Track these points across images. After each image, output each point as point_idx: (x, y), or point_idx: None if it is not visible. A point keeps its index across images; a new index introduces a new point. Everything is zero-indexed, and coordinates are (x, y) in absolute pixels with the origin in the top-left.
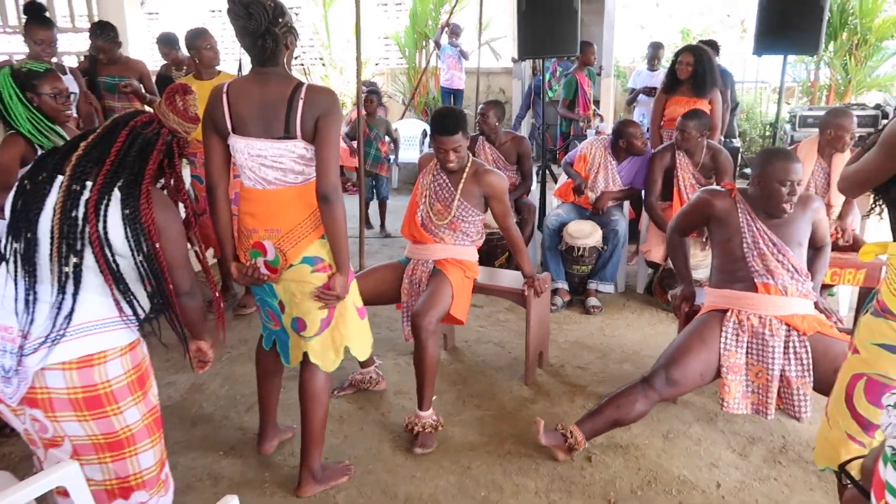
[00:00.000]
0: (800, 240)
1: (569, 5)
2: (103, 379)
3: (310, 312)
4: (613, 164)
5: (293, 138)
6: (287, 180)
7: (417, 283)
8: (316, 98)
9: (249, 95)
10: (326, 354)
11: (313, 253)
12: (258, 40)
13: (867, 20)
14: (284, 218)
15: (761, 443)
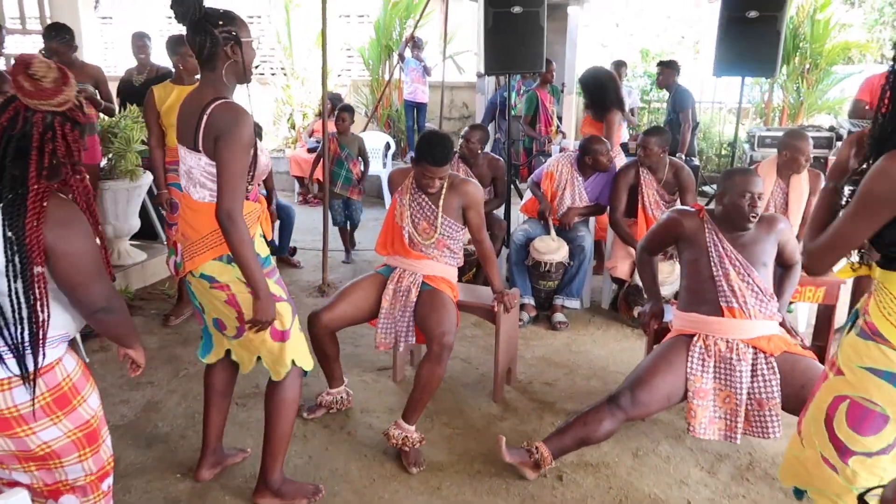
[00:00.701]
0: (765, 260)
1: (535, 22)
2: (9, 405)
3: (225, 316)
4: (580, 180)
5: (198, 151)
6: (195, 193)
7: (404, 292)
8: (218, 116)
9: (186, 101)
10: (243, 356)
11: (209, 272)
12: (192, 34)
13: (818, 45)
14: (189, 229)
15: (728, 460)
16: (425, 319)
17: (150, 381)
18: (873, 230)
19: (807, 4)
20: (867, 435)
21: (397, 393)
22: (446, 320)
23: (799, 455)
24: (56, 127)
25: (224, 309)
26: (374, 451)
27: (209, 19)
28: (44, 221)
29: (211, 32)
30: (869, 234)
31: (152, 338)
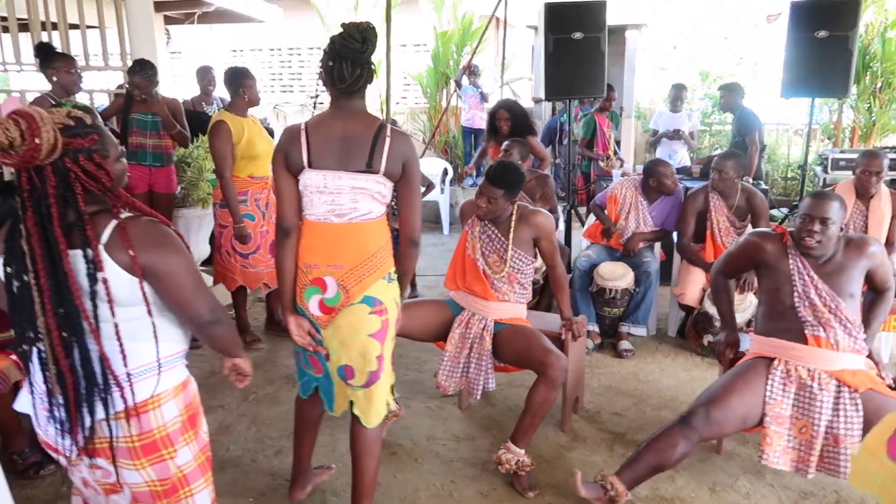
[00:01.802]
0: (852, 291)
1: (596, 47)
2: (160, 423)
3: (359, 361)
4: (644, 204)
5: (375, 173)
6: (360, 215)
7: (474, 339)
8: (402, 141)
9: (331, 129)
10: (369, 409)
11: (375, 293)
12: (358, 68)
13: (890, 64)
14: (351, 253)
15: (814, 498)
16: (526, 353)
17: (221, 404)
18: None
19: (877, 22)
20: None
21: (462, 420)
22: (550, 345)
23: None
24: (69, 168)
25: (367, 347)
26: (442, 480)
27: (370, 58)
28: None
29: (369, 67)
30: None
31: (221, 362)
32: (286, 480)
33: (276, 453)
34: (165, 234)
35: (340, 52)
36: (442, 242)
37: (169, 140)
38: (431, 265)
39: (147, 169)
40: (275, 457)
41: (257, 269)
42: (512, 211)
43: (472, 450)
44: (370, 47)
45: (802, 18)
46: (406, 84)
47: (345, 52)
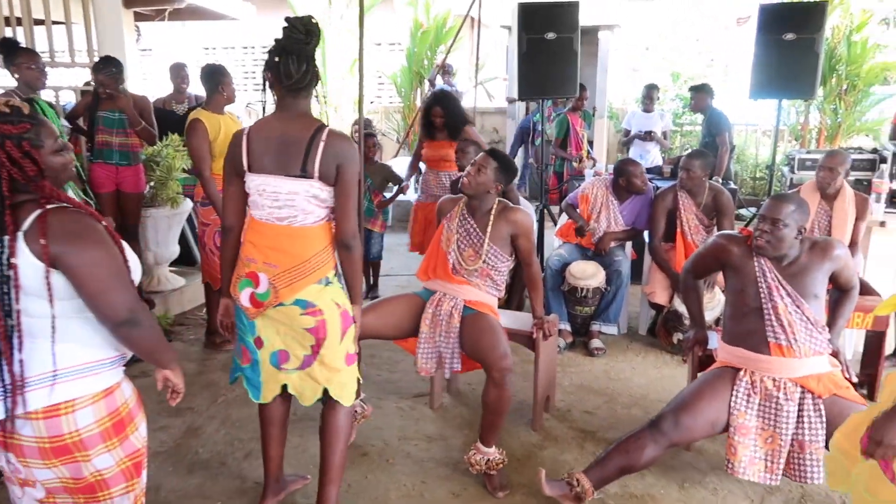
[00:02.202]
0: (816, 293)
1: (568, 48)
2: (72, 428)
3: (292, 346)
4: (615, 203)
5: (309, 178)
6: (297, 219)
7: (444, 317)
8: (337, 144)
9: (270, 133)
10: (304, 388)
11: (307, 297)
12: (304, 64)
13: (855, 66)
14: (286, 255)
15: (779, 493)
16: (476, 345)
17: (190, 406)
18: None
19: (842, 26)
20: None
21: (434, 420)
22: (500, 343)
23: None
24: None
25: (300, 338)
26: (413, 481)
27: (314, 55)
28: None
29: (313, 65)
30: None
31: (191, 364)
32: (256, 483)
33: (245, 456)
34: (87, 226)
35: (286, 47)
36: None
37: (136, 138)
38: (404, 265)
39: (114, 168)
40: (244, 459)
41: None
42: (493, 205)
43: (444, 450)
44: (314, 40)
45: (770, 21)
46: (381, 83)
47: (289, 45)
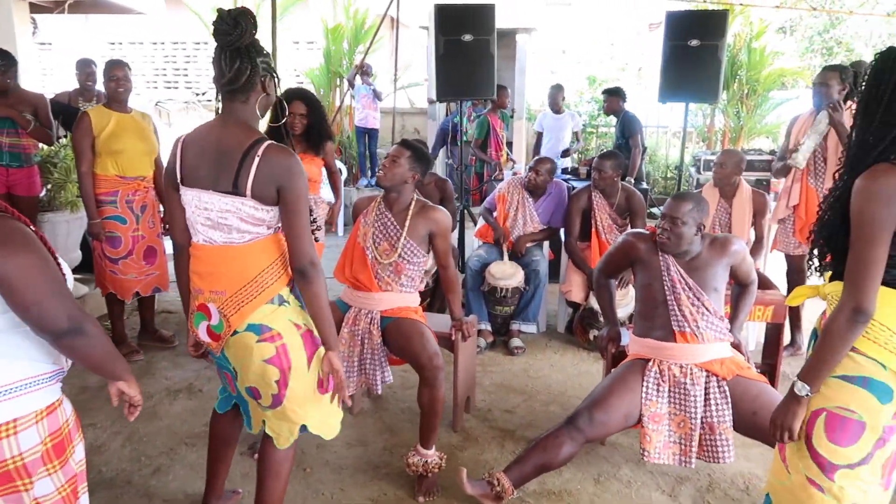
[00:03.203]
0: (716, 286)
1: (485, 49)
2: (14, 453)
3: (260, 384)
4: (530, 202)
5: (241, 195)
6: (232, 238)
7: (362, 335)
8: (275, 160)
9: (207, 142)
10: (281, 428)
11: (259, 320)
12: (237, 60)
13: (755, 72)
14: (229, 280)
15: (689, 482)
16: (405, 350)
17: (93, 422)
18: (888, 246)
19: (744, 33)
20: (847, 445)
21: (354, 426)
22: (428, 343)
23: (785, 483)
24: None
25: (264, 371)
26: (331, 488)
27: (255, 46)
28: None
29: (253, 60)
30: (887, 249)
31: (94, 377)
32: (164, 502)
33: (153, 472)
34: (11, 231)
35: (216, 41)
36: (337, 244)
37: (28, 139)
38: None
39: (4, 169)
40: (152, 476)
41: (128, 276)
42: (411, 201)
43: (364, 455)
44: (245, 33)
45: (676, 28)
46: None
47: (218, 38)
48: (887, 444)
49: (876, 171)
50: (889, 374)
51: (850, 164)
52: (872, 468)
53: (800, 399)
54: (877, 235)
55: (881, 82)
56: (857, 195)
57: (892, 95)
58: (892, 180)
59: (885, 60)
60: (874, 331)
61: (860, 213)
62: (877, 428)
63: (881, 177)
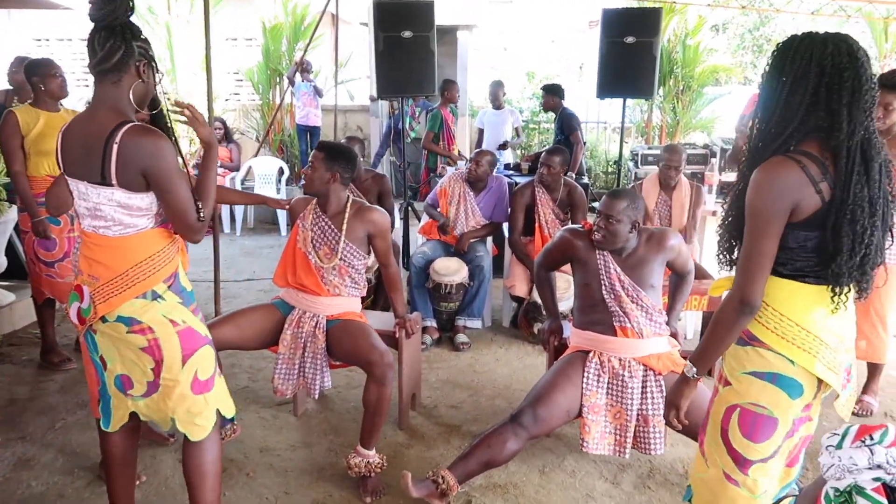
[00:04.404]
0: (652, 282)
1: (425, 46)
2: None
3: (134, 371)
4: (471, 195)
5: (109, 185)
6: (109, 230)
7: (307, 337)
8: (132, 144)
9: (78, 130)
10: (154, 418)
11: (129, 313)
12: (109, 39)
13: (689, 69)
14: (104, 268)
15: (630, 469)
16: (354, 351)
17: (22, 435)
18: (778, 239)
19: (679, 30)
20: (760, 441)
21: (298, 428)
22: (377, 341)
23: (703, 476)
24: None
25: (137, 359)
26: (275, 492)
27: (131, 27)
28: None
29: (128, 41)
30: (777, 242)
31: (23, 387)
32: None
33: (87, 484)
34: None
35: (90, 19)
36: (280, 244)
37: None
38: (268, 268)
39: None
40: (86, 488)
41: (66, 279)
42: (346, 202)
43: (308, 457)
44: (118, 9)
45: (613, 25)
46: (238, 80)
47: (91, 15)
48: (795, 434)
49: (769, 164)
50: (798, 370)
51: (750, 158)
52: (780, 457)
53: (688, 380)
54: (764, 228)
55: (780, 74)
56: (750, 188)
57: (791, 88)
58: (784, 173)
59: (784, 49)
60: (782, 326)
61: (751, 205)
62: (787, 423)
63: (773, 169)
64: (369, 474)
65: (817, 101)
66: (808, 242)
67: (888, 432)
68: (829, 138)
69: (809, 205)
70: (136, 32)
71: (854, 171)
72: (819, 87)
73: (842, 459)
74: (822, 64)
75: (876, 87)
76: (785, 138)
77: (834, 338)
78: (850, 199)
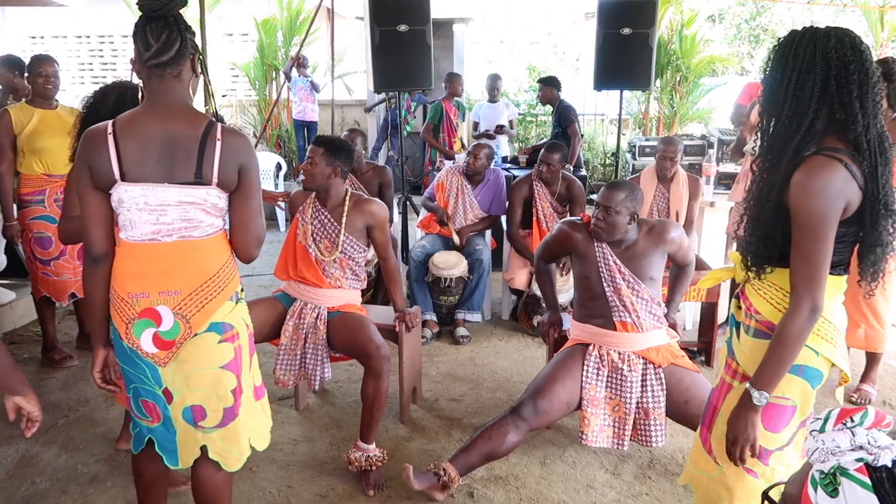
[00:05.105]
0: (652, 275)
1: (421, 40)
2: None
3: (210, 398)
4: (469, 188)
5: (206, 184)
6: (193, 233)
7: (309, 329)
8: (238, 143)
9: (148, 129)
10: (230, 450)
11: (222, 318)
12: (165, 29)
13: (686, 60)
14: (188, 276)
15: (631, 460)
16: (352, 343)
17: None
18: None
19: (675, 21)
20: (780, 430)
21: (300, 422)
22: (374, 335)
23: (714, 475)
24: None
25: (215, 384)
26: (278, 486)
27: (182, 19)
28: None
29: (183, 32)
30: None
31: None
32: None
33: (90, 481)
34: None
35: (142, 10)
36: (279, 240)
37: None
38: (268, 263)
39: None
40: (90, 485)
41: (62, 276)
42: (345, 195)
43: (310, 451)
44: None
45: (608, 16)
46: (234, 76)
47: (144, 7)
48: (808, 423)
49: (815, 167)
50: (820, 359)
51: (772, 156)
52: (795, 446)
53: (757, 408)
54: (825, 232)
55: (784, 69)
56: (802, 193)
57: (797, 82)
58: (834, 174)
59: (787, 44)
60: None
61: (809, 211)
62: (805, 411)
63: (822, 172)
64: (370, 468)
65: (827, 93)
66: (847, 237)
67: (868, 414)
68: (846, 131)
69: (854, 201)
70: (188, 24)
71: (878, 164)
72: (828, 80)
73: (825, 443)
74: (828, 56)
75: (881, 79)
76: (803, 133)
77: (842, 325)
78: (881, 191)
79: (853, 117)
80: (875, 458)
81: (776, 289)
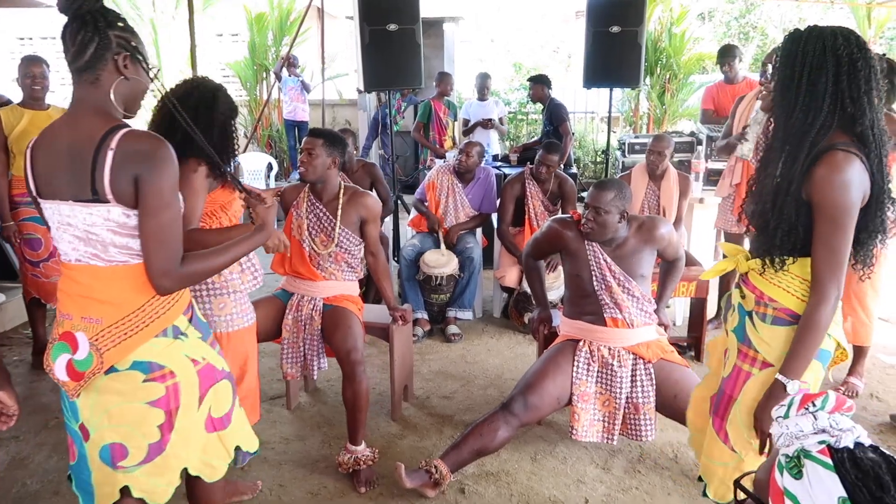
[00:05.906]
0: (643, 272)
1: (411, 39)
2: None
3: (133, 435)
4: (460, 187)
5: (103, 202)
6: (109, 257)
7: (304, 321)
8: (132, 149)
9: (57, 140)
10: (157, 484)
11: (148, 356)
12: (80, 30)
13: (676, 57)
14: (107, 305)
15: (621, 454)
16: (331, 339)
17: (15, 435)
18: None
19: (664, 19)
20: None
21: (292, 421)
22: (350, 336)
23: (729, 464)
24: None
25: (140, 420)
26: (270, 485)
27: (105, 16)
28: None
29: (102, 31)
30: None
31: (16, 387)
32: None
33: None
34: None
35: (59, 10)
36: None
37: None
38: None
39: None
40: None
41: (52, 278)
42: (339, 189)
43: (302, 450)
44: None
45: (597, 14)
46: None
47: (60, 5)
48: None
49: (836, 161)
50: (829, 340)
51: (789, 151)
52: None
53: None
54: (849, 223)
55: (795, 67)
56: (828, 185)
57: (810, 77)
58: (854, 168)
59: (794, 41)
60: None
61: (835, 204)
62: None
63: (844, 166)
64: (360, 466)
65: (839, 88)
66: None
67: (828, 398)
68: (853, 125)
69: (868, 192)
70: (113, 20)
71: (882, 155)
72: (839, 76)
73: (789, 428)
74: (837, 54)
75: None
76: (819, 127)
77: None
78: (884, 182)
79: (861, 111)
80: (837, 440)
81: (793, 277)
